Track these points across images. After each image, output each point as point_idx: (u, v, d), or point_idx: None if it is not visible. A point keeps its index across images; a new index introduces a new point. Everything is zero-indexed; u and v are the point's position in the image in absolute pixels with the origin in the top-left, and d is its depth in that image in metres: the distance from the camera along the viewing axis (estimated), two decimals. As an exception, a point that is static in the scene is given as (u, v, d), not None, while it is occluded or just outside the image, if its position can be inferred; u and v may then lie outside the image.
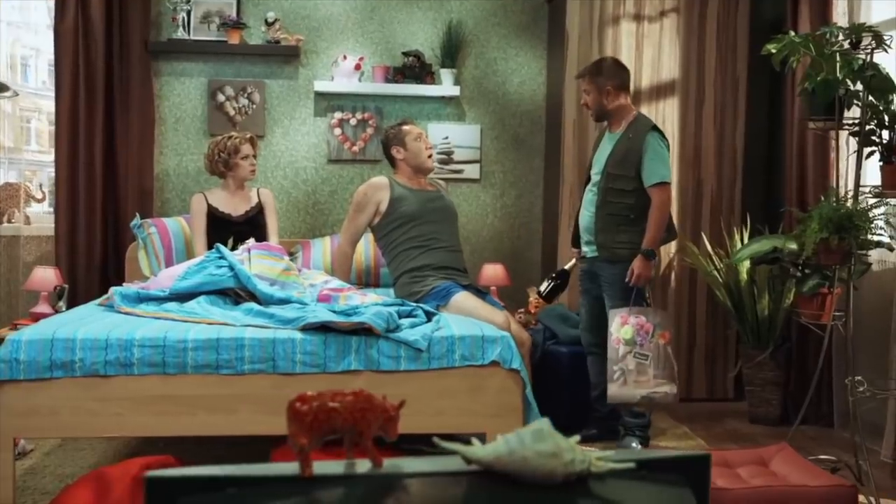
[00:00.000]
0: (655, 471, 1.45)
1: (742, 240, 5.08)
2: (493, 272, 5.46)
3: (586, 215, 4.36)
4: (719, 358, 5.44)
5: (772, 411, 5.01)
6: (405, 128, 4.62)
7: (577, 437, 1.41)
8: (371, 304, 3.63)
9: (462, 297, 4.15)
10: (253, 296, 3.87)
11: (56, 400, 3.20)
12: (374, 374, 3.33)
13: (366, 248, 5.14)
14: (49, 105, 7.03)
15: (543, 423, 1.38)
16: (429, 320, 3.58)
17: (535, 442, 1.35)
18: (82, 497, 3.10)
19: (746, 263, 4.94)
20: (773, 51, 4.03)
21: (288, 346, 3.30)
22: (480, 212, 5.85)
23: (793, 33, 4.07)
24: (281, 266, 4.10)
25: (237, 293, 3.90)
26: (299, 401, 1.36)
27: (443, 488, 1.38)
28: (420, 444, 3.51)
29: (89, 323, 3.42)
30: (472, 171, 5.82)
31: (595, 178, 4.32)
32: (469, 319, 3.75)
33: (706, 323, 5.44)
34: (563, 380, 4.62)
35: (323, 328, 3.36)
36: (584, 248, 4.43)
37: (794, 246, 3.97)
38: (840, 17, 4.86)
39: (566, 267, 4.55)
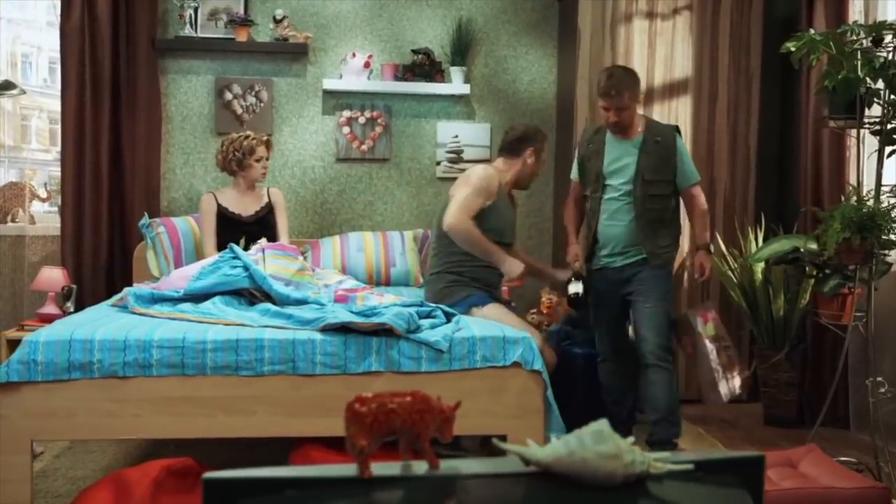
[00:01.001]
0: (711, 472, 1.46)
1: (756, 239, 5.10)
2: (504, 272, 5.46)
3: (616, 226, 4.21)
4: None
5: (787, 413, 5.03)
6: (545, 143, 4.52)
7: (631, 439, 1.43)
8: (390, 304, 3.64)
9: (492, 308, 4.14)
10: (268, 296, 3.88)
11: (74, 401, 3.21)
12: (394, 376, 3.35)
13: (376, 248, 5.15)
14: (49, 103, 7.05)
15: (603, 425, 1.39)
16: (448, 321, 3.60)
17: (595, 443, 1.36)
18: (101, 499, 3.11)
19: (761, 264, 4.96)
20: (793, 49, 4.05)
21: (308, 347, 3.31)
22: (490, 211, 5.86)
23: (812, 31, 4.08)
24: (295, 266, 4.11)
25: (252, 294, 3.91)
26: (358, 402, 1.38)
27: (501, 489, 1.39)
28: (440, 447, 3.53)
29: (106, 324, 3.42)
30: (482, 170, 5.82)
31: (623, 187, 4.18)
32: (489, 321, 3.75)
33: (720, 323, 5.46)
34: (579, 381, 4.62)
35: (343, 329, 3.37)
36: (608, 260, 4.26)
37: (814, 246, 3.99)
38: (856, 14, 4.88)
39: (576, 265, 4.35)
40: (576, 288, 4.17)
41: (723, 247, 5.21)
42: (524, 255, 4.73)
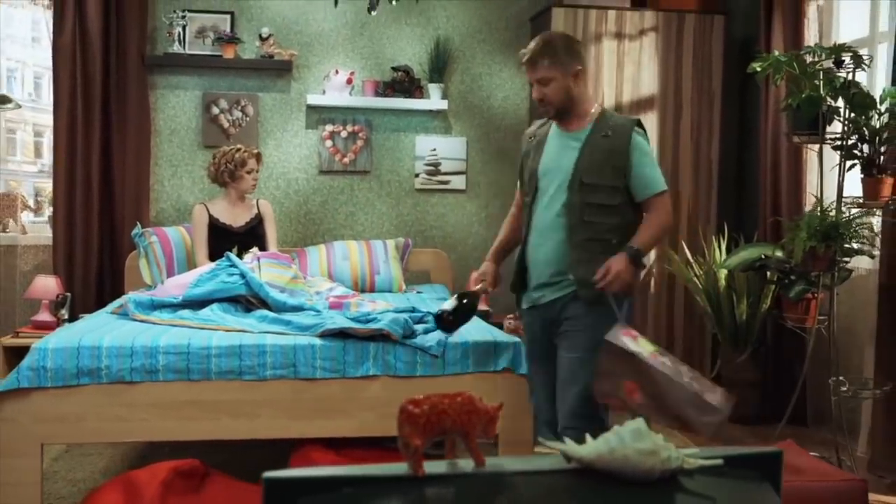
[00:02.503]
0: (735, 467, 1.50)
1: (720, 248, 5.19)
2: (482, 279, 5.49)
3: (544, 246, 3.15)
4: (696, 360, 5.54)
5: (748, 411, 5.11)
6: None
7: (660, 436, 1.46)
8: (383, 310, 3.65)
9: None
10: (264, 303, 3.87)
11: (83, 406, 3.18)
12: (391, 380, 3.36)
13: (361, 256, 5.15)
14: (35, 116, 6.93)
15: (640, 423, 1.42)
16: (439, 326, 3.61)
17: (634, 441, 1.39)
18: (111, 500, 3.09)
19: (725, 270, 5.05)
20: (759, 69, 4.14)
21: (308, 353, 3.31)
22: (466, 221, 5.90)
23: (777, 53, 4.18)
24: (289, 274, 4.11)
25: (248, 301, 3.91)
26: (412, 404, 1.39)
27: (545, 485, 1.42)
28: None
29: (112, 331, 3.40)
30: (458, 181, 5.86)
31: (556, 193, 3.12)
32: (481, 325, 3.75)
33: (683, 326, 5.55)
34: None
35: (341, 334, 3.38)
36: (536, 294, 3.22)
37: (780, 254, 4.07)
38: (812, 37, 4.99)
39: (476, 288, 3.35)
40: (444, 306, 3.23)
41: (688, 254, 5.29)
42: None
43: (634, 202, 3.17)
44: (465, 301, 3.19)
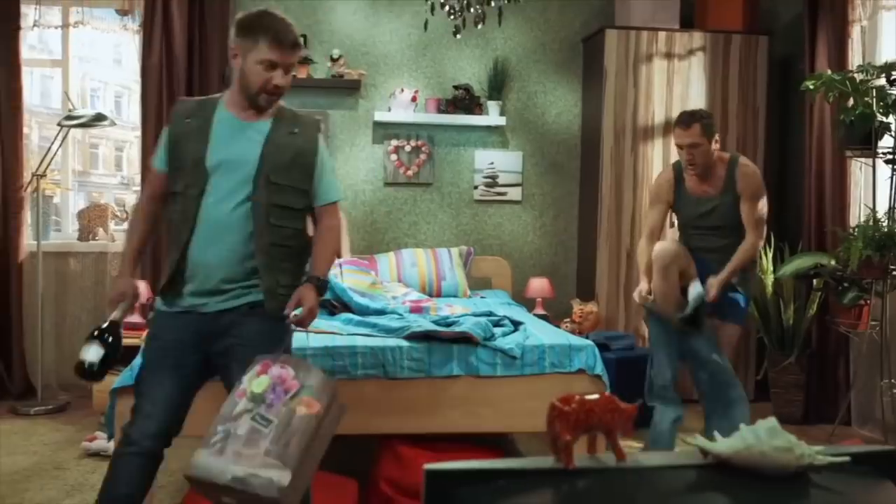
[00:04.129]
0: (858, 463, 1.51)
1: (766, 256, 5.17)
2: (539, 285, 5.52)
3: (218, 247, 2.60)
4: (742, 363, 5.52)
5: (795, 412, 5.09)
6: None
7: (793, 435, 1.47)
8: (461, 314, 3.68)
9: None
10: (346, 306, 3.92)
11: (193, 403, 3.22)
12: (473, 379, 3.38)
13: (428, 263, 5.19)
14: (115, 132, 7.05)
15: (774, 422, 1.44)
16: (515, 329, 3.64)
17: (770, 438, 1.41)
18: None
19: (771, 277, 5.04)
20: (811, 87, 4.14)
21: (396, 353, 3.35)
22: (522, 230, 5.92)
23: (829, 71, 4.17)
24: (369, 280, 4.16)
25: (332, 304, 3.95)
26: (562, 402, 1.42)
27: (683, 479, 1.44)
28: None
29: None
30: (514, 193, 5.88)
31: (236, 188, 2.61)
32: (553, 328, 3.77)
33: (730, 331, 5.52)
34: (615, 386, 4.67)
35: (426, 336, 3.41)
36: (197, 301, 2.63)
37: (833, 262, 4.06)
38: (856, 56, 4.97)
39: (114, 317, 2.64)
40: (87, 356, 2.53)
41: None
42: None
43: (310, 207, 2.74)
44: (109, 341, 2.56)
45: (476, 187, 5.85)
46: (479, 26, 3.53)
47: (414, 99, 5.62)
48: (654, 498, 1.38)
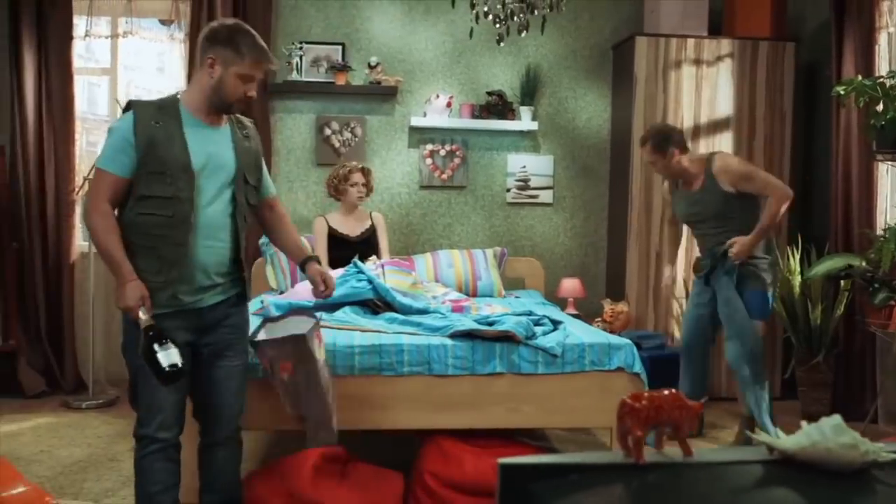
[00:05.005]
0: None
1: (794, 257, 5.14)
2: (571, 285, 5.52)
3: (217, 247, 2.74)
4: (769, 361, 5.48)
5: (822, 410, 5.05)
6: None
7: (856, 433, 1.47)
8: (502, 314, 3.69)
9: None
10: (389, 306, 3.93)
11: (248, 399, 3.25)
12: (515, 377, 3.39)
13: (464, 264, 5.20)
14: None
15: (838, 419, 1.44)
16: (555, 328, 3.64)
17: (836, 435, 1.41)
18: (269, 483, 3.17)
19: (799, 278, 5.01)
20: (842, 92, 4.12)
21: (441, 351, 3.36)
22: (553, 232, 5.92)
23: (859, 77, 4.14)
24: (410, 280, 4.17)
25: (375, 304, 3.97)
26: (633, 399, 1.43)
27: (750, 474, 1.44)
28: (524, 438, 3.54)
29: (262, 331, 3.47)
30: (546, 196, 5.89)
31: (220, 190, 2.72)
32: (590, 327, 3.77)
33: (757, 330, 5.50)
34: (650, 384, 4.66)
35: (469, 335, 3.43)
36: (190, 298, 2.71)
37: (863, 263, 4.03)
38: (883, 62, 4.94)
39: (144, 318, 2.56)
40: (171, 358, 2.49)
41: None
42: None
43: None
44: (169, 341, 2.51)
45: (508, 190, 5.86)
46: (523, 34, 3.54)
47: (449, 105, 5.63)
48: (723, 493, 1.38)
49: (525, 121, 5.74)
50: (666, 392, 1.46)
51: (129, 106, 2.67)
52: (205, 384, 2.80)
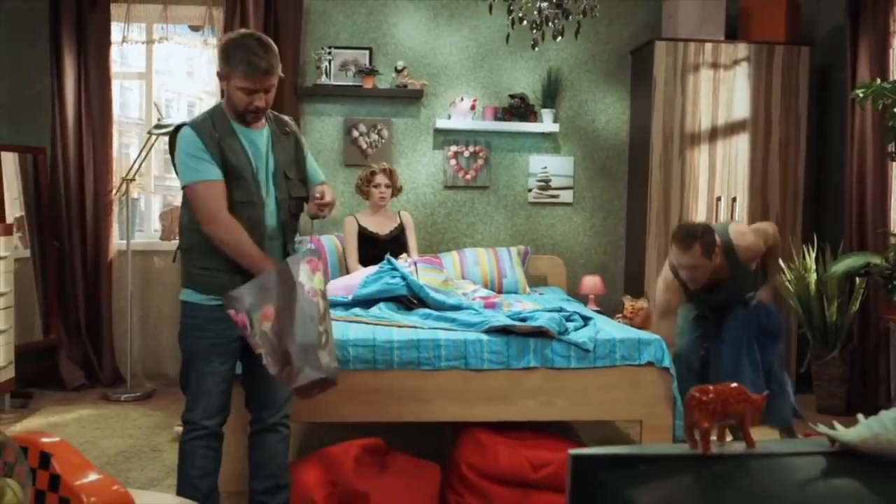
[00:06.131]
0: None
1: (809, 255, 5.14)
2: (592, 283, 5.53)
3: (274, 247, 2.83)
4: (785, 357, 5.47)
5: (837, 403, 5.05)
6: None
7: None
8: (533, 310, 3.69)
9: None
10: (423, 302, 3.94)
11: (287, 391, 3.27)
12: (548, 371, 3.40)
13: (489, 262, 5.21)
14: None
15: (899, 412, 1.45)
16: (585, 324, 3.65)
17: (897, 427, 1.42)
18: (314, 471, 3.18)
19: (814, 276, 5.01)
20: (861, 95, 4.11)
21: (477, 346, 3.37)
22: (573, 231, 5.92)
23: (879, 81, 4.13)
24: (441, 277, 4.18)
25: (409, 300, 3.98)
26: (700, 392, 1.44)
27: (812, 464, 1.45)
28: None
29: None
30: (566, 196, 5.89)
31: (271, 190, 2.79)
32: (617, 323, 3.77)
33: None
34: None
35: (504, 330, 3.44)
36: None
37: (882, 261, 4.03)
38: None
39: None
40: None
41: (780, 262, 5.24)
42: None
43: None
44: None
45: (530, 190, 5.86)
46: (558, 39, 3.54)
47: (472, 107, 5.64)
48: (788, 483, 1.39)
49: (546, 123, 5.74)
50: (732, 385, 1.47)
51: (181, 126, 2.72)
52: (256, 374, 2.82)
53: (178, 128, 2.72)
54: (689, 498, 1.34)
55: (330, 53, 5.60)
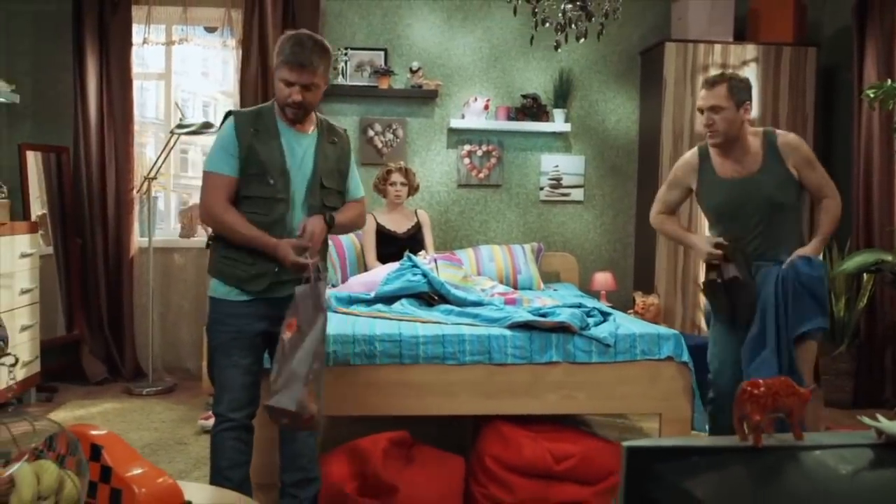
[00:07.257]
0: None
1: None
2: (603, 279, 5.53)
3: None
4: (792, 351, 5.49)
5: (844, 397, 5.07)
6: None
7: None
8: (553, 306, 3.70)
9: None
10: (443, 298, 3.95)
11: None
12: (570, 365, 3.41)
13: (504, 258, 5.22)
14: (202, 138, 7.17)
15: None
16: (604, 319, 3.66)
17: (944, 420, 1.43)
18: (342, 465, 3.20)
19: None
20: (871, 95, 4.12)
21: (500, 341, 3.38)
22: (584, 228, 5.93)
23: (889, 81, 4.14)
24: (461, 274, 4.19)
25: (430, 297, 3.99)
26: (751, 387, 1.45)
27: (860, 457, 1.46)
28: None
29: (329, 322, 3.49)
30: (577, 194, 5.90)
31: (301, 194, 2.77)
32: (636, 318, 3.78)
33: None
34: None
35: (526, 326, 3.44)
36: (275, 287, 2.77)
37: (893, 259, 4.04)
38: (904, 65, 4.94)
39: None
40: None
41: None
42: None
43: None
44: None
45: (542, 188, 5.87)
46: (581, 41, 3.55)
47: (486, 107, 5.65)
48: (838, 473, 1.41)
49: (558, 122, 5.75)
50: (781, 379, 1.48)
51: (229, 114, 2.79)
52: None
53: (229, 113, 2.79)
54: (744, 489, 1.36)
55: (346, 54, 5.60)
